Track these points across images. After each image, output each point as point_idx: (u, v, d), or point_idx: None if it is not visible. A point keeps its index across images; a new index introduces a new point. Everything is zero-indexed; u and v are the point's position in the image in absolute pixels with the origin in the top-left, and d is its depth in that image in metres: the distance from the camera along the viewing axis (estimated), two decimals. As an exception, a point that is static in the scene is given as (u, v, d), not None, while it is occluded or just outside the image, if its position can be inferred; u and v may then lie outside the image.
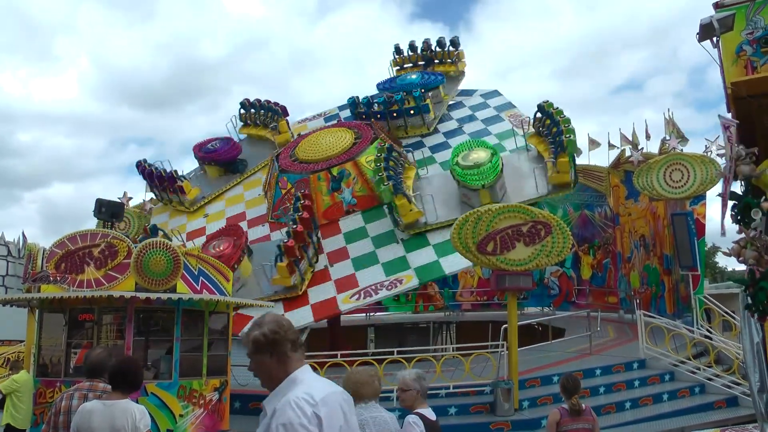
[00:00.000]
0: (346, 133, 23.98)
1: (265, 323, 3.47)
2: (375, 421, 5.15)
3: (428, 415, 5.66)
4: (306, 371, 3.45)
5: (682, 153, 20.79)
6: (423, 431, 5.42)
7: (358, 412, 4.88)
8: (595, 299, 27.54)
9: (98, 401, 5.35)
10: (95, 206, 17.61)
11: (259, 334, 3.43)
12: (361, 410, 5.09)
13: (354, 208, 22.03)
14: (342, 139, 23.53)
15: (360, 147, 22.89)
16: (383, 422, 5.19)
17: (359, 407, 5.07)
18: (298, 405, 3.21)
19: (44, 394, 12.86)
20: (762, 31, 7.19)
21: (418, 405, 5.75)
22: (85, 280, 13.45)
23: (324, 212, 22.23)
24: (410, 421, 5.47)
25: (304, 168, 22.91)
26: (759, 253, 6.36)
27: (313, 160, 23.04)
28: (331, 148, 23.23)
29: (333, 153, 22.93)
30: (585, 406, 7.47)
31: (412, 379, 5.90)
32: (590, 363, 17.80)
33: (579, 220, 28.86)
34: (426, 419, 5.58)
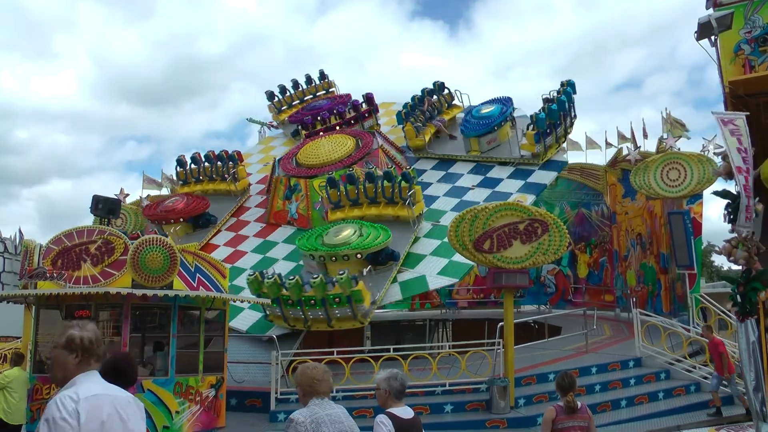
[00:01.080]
0: (347, 140, 24.50)
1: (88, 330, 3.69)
2: (330, 418, 5.17)
3: (401, 414, 5.76)
4: (90, 375, 3.68)
5: (680, 152, 20.82)
6: (391, 430, 5.52)
7: (313, 410, 5.05)
8: (592, 297, 27.57)
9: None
10: (92, 203, 17.58)
11: (79, 335, 3.64)
12: (316, 407, 5.14)
13: (294, 222, 23.31)
14: (343, 146, 24.06)
15: (359, 155, 23.37)
16: (337, 418, 5.21)
17: (314, 404, 5.15)
18: (62, 401, 3.48)
19: (41, 390, 12.85)
20: (760, 29, 7.21)
21: (390, 404, 5.81)
22: (81, 277, 13.45)
23: (274, 213, 23.91)
24: (378, 420, 5.59)
25: (303, 172, 23.42)
26: (749, 254, 6.38)
27: (313, 165, 23.57)
28: (330, 153, 23.76)
29: (332, 159, 23.48)
30: (581, 404, 7.46)
31: (382, 378, 5.94)
32: (586, 361, 17.81)
33: (576, 218, 28.88)
34: (397, 418, 5.69)
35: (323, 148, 24.28)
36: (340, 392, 15.55)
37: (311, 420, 4.98)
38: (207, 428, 13.91)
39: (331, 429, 5.10)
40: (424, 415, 15.17)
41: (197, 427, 13.38)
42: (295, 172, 23.62)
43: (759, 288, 6.50)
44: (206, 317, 14.59)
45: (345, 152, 23.64)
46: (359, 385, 15.65)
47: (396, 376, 5.98)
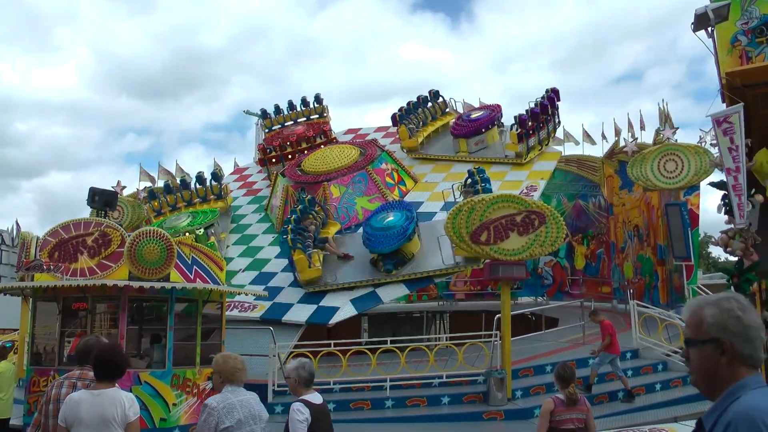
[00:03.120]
0: (352, 150, 25.17)
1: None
2: (241, 403, 5.71)
3: (312, 400, 6.11)
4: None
5: (677, 143, 20.81)
6: (308, 416, 5.89)
7: (226, 396, 5.68)
8: (589, 289, 27.63)
9: (85, 391, 5.33)
10: (88, 195, 17.54)
11: None
12: (229, 394, 5.71)
13: None
14: (347, 155, 24.66)
15: (363, 162, 23.88)
16: (248, 403, 5.78)
17: (227, 391, 5.74)
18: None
19: (37, 382, 12.83)
20: (757, 21, 7.19)
21: (301, 392, 6.19)
22: (78, 269, 13.42)
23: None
24: (294, 408, 5.97)
25: (311, 179, 23.85)
26: (746, 245, 6.38)
27: (320, 172, 24.07)
28: (336, 161, 24.41)
29: (337, 166, 24.04)
30: (579, 396, 7.47)
31: (292, 368, 6.38)
32: (583, 353, 17.80)
33: (573, 210, 28.91)
34: (310, 404, 6.03)
35: (329, 156, 24.99)
36: (337, 384, 15.58)
37: (224, 405, 5.56)
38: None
39: (242, 413, 5.65)
40: (421, 407, 15.20)
41: (194, 420, 13.38)
42: (303, 179, 24.08)
43: (752, 279, 6.50)
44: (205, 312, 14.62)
45: (350, 160, 24.21)
46: (356, 377, 15.69)
47: (304, 366, 6.40)
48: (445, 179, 23.74)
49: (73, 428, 5.17)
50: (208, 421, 5.52)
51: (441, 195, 21.82)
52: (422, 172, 25.32)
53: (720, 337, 2.62)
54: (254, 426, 5.75)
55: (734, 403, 2.54)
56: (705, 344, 2.66)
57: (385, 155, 24.36)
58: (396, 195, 23.13)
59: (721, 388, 2.64)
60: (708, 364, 2.67)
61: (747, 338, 2.60)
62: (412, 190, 23.85)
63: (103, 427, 5.17)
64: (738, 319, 2.61)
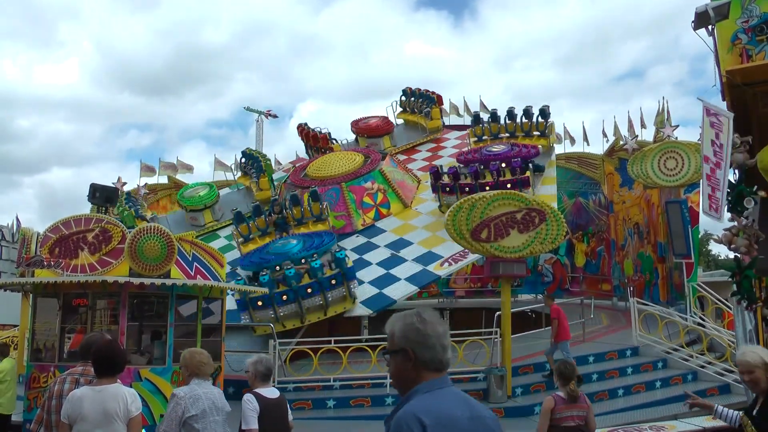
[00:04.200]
0: (356, 156, 25.51)
1: None
2: (206, 395, 6.08)
3: (265, 394, 6.52)
4: None
5: (677, 141, 20.79)
6: (256, 407, 6.30)
7: (193, 388, 6.05)
8: (589, 287, 27.60)
9: (88, 387, 5.36)
10: (89, 191, 17.56)
11: None
12: (195, 386, 6.09)
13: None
14: (351, 161, 25.04)
15: (366, 169, 24.13)
16: (212, 395, 6.15)
17: (194, 383, 6.12)
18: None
19: (38, 378, 12.84)
20: (757, 19, 7.19)
21: (258, 385, 6.58)
22: (78, 265, 13.42)
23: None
24: (245, 398, 6.42)
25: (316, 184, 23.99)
26: (749, 242, 6.38)
27: (325, 177, 24.38)
28: (340, 167, 24.75)
29: (341, 172, 24.37)
30: (580, 393, 7.48)
31: (250, 362, 6.85)
32: (583, 350, 17.84)
33: (573, 207, 28.89)
34: (263, 397, 6.44)
35: (333, 162, 25.37)
36: (337, 381, 15.60)
37: (190, 396, 5.91)
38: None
39: (206, 404, 6.01)
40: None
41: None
42: (307, 184, 24.25)
43: (752, 276, 6.51)
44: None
45: (354, 166, 24.54)
46: (357, 374, 15.70)
47: (262, 361, 6.88)
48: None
49: (76, 424, 5.21)
50: (175, 410, 5.84)
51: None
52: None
53: (406, 346, 3.10)
54: (217, 417, 6.10)
55: (404, 405, 3.04)
56: (396, 353, 3.15)
57: (376, 173, 23.96)
58: (368, 217, 23.35)
59: (408, 390, 3.12)
60: (400, 370, 3.14)
61: (426, 346, 3.06)
62: (394, 215, 23.50)
63: (106, 423, 5.22)
64: (418, 330, 3.10)
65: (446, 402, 2.99)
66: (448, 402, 3.00)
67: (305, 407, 14.95)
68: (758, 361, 5.35)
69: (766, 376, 5.33)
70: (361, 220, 23.17)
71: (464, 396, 3.13)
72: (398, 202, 23.98)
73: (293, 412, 14.68)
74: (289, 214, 22.45)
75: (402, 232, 22.24)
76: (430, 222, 22.28)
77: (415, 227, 22.36)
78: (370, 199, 23.61)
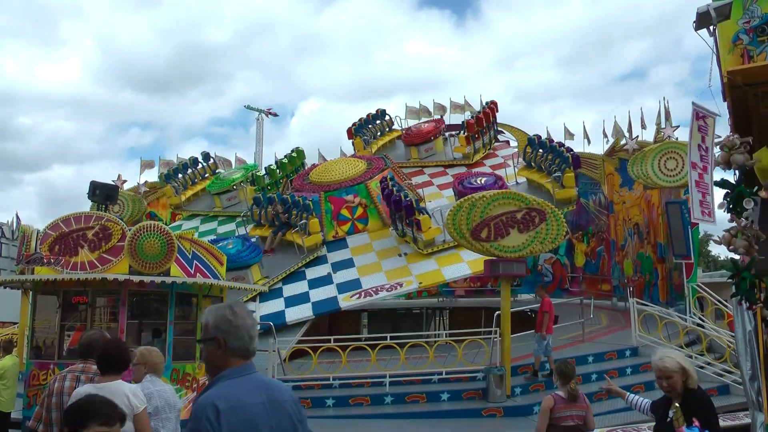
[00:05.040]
0: (359, 163, 25.75)
1: None
2: (159, 393, 6.28)
3: None
4: None
5: (677, 141, 20.79)
6: None
7: (145, 385, 6.24)
8: (589, 287, 27.60)
9: (90, 385, 5.37)
10: (89, 189, 17.55)
11: None
12: (149, 384, 6.30)
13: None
14: (354, 167, 25.27)
15: (371, 173, 24.41)
16: (164, 393, 6.38)
17: (147, 380, 6.36)
18: None
19: (37, 376, 12.86)
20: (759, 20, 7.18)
21: None
22: (78, 263, 13.42)
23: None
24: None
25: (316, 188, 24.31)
26: (749, 243, 6.38)
27: (330, 181, 24.61)
28: (343, 173, 24.98)
29: (344, 177, 24.62)
30: (579, 393, 7.49)
31: None
32: (583, 350, 17.85)
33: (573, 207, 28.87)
34: None
35: (336, 168, 25.71)
36: (336, 380, 15.60)
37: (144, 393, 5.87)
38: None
39: (159, 402, 6.21)
40: (420, 403, 15.22)
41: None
42: (309, 188, 24.52)
43: (748, 277, 6.51)
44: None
45: (356, 172, 24.76)
46: (356, 373, 15.71)
47: None
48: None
49: None
50: None
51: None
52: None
53: (217, 335, 3.42)
54: (170, 414, 6.32)
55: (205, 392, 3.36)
56: (209, 341, 3.44)
57: (361, 187, 24.04)
58: (342, 230, 23.54)
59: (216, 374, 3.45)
60: (211, 356, 3.45)
61: (236, 336, 3.41)
62: (369, 232, 23.39)
63: None
64: (229, 321, 3.43)
65: (243, 388, 3.35)
66: (245, 388, 3.36)
67: (304, 406, 14.87)
68: (676, 366, 5.45)
69: (683, 380, 5.43)
70: (333, 232, 23.41)
71: (266, 382, 3.58)
72: (378, 219, 23.74)
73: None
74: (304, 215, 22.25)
75: (358, 252, 22.23)
76: (385, 247, 22.07)
77: (371, 250, 22.26)
78: (348, 212, 23.71)
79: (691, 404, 5.36)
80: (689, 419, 5.15)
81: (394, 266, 20.34)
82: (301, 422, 3.65)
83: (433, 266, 19.70)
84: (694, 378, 5.48)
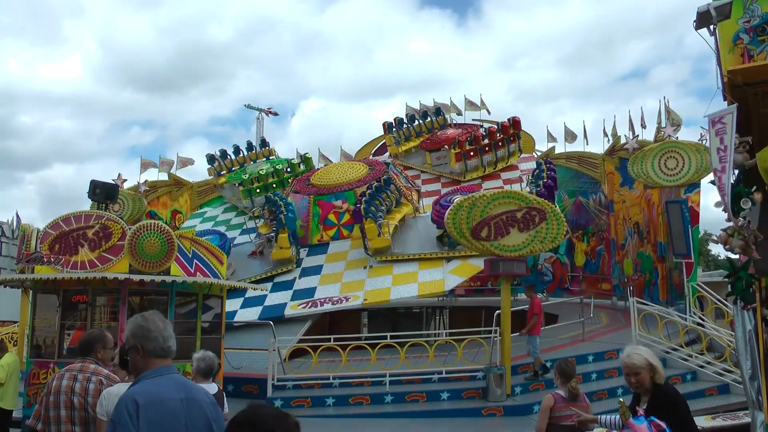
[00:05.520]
0: (360, 166, 25.93)
1: None
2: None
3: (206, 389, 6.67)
4: None
5: (678, 141, 20.79)
6: None
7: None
8: (589, 286, 27.61)
9: (123, 384, 5.45)
10: (89, 187, 17.53)
11: None
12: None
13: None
14: (356, 171, 25.46)
15: (371, 177, 24.29)
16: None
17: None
18: None
19: (37, 374, 12.87)
20: (759, 19, 7.18)
21: (198, 380, 6.97)
22: (78, 262, 13.42)
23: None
24: None
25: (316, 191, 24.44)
26: (745, 243, 6.38)
27: (331, 185, 24.75)
28: (344, 176, 25.19)
29: (345, 180, 24.75)
30: (579, 392, 7.49)
31: (195, 358, 7.52)
32: (583, 349, 17.84)
33: (573, 206, 28.90)
34: None
35: (337, 171, 25.90)
36: (336, 379, 15.59)
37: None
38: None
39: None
40: (420, 402, 15.22)
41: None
42: (311, 191, 24.60)
43: (744, 277, 6.51)
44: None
45: (357, 176, 24.88)
46: (356, 372, 15.71)
47: (205, 359, 7.52)
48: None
49: None
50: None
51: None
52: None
53: (135, 343, 3.86)
54: None
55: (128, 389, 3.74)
56: (129, 351, 3.90)
57: (350, 193, 24.04)
58: (327, 235, 23.71)
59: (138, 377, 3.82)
60: (134, 362, 3.90)
61: (149, 338, 3.83)
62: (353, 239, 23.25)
63: None
64: (141, 327, 3.88)
65: (162, 386, 3.66)
66: (164, 386, 3.67)
67: (304, 405, 14.97)
68: (644, 363, 5.55)
69: (651, 376, 5.52)
70: (318, 236, 23.62)
71: (184, 381, 3.86)
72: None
73: (293, 409, 14.73)
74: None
75: (331, 259, 22.36)
76: (357, 257, 22.03)
77: (344, 258, 22.32)
78: (335, 217, 23.82)
79: (661, 399, 5.43)
80: (660, 414, 5.20)
81: (353, 278, 20.44)
82: (217, 422, 3.80)
83: (386, 284, 19.72)
84: (661, 374, 5.58)
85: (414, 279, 19.44)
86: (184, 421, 3.58)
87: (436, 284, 19.10)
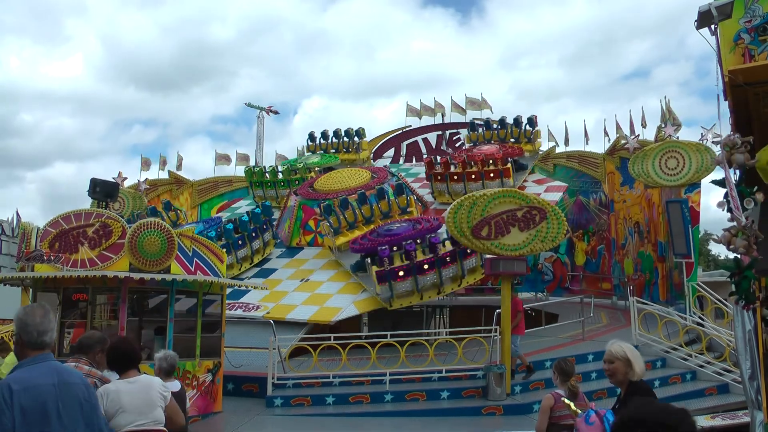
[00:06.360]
0: (363, 173, 26.03)
1: None
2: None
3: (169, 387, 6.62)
4: None
5: (678, 140, 20.78)
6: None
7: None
8: (589, 285, 27.60)
9: (122, 381, 5.67)
10: (89, 186, 17.55)
11: None
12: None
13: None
14: (359, 177, 25.57)
15: (375, 183, 24.42)
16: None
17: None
18: None
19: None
20: (760, 19, 7.17)
21: (162, 379, 6.91)
22: (79, 260, 13.42)
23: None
24: None
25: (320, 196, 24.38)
26: (748, 242, 6.37)
27: (332, 190, 24.70)
28: (346, 181, 25.23)
29: (347, 186, 24.72)
30: (579, 391, 7.48)
31: (157, 357, 8.03)
32: (583, 348, 17.85)
33: (574, 206, 28.88)
34: None
35: (340, 177, 25.91)
36: (336, 378, 15.60)
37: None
38: (203, 413, 13.96)
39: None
40: (420, 401, 15.22)
41: (194, 412, 13.40)
42: (312, 196, 24.68)
43: (750, 277, 6.51)
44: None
45: (360, 181, 24.95)
46: (356, 371, 15.71)
47: (167, 358, 7.99)
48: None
49: (115, 417, 5.48)
50: None
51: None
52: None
53: (18, 333, 4.12)
54: None
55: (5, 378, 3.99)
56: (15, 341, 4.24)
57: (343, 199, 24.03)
58: (305, 240, 24.16)
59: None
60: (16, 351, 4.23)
61: (26, 331, 4.08)
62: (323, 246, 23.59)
63: (148, 410, 5.63)
64: (20, 320, 4.12)
65: (36, 373, 3.96)
66: (37, 372, 3.96)
67: (304, 404, 14.98)
68: (620, 353, 5.66)
69: (625, 370, 5.59)
70: (297, 239, 24.13)
71: (57, 368, 4.13)
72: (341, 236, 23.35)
73: (293, 408, 14.73)
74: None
75: (292, 265, 22.86)
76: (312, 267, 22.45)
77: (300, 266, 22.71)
78: (314, 224, 24.13)
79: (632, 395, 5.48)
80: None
81: (286, 288, 20.88)
82: (89, 401, 4.18)
83: (296, 300, 20.00)
84: (636, 372, 5.61)
85: (322, 302, 19.68)
86: (55, 403, 3.92)
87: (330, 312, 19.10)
